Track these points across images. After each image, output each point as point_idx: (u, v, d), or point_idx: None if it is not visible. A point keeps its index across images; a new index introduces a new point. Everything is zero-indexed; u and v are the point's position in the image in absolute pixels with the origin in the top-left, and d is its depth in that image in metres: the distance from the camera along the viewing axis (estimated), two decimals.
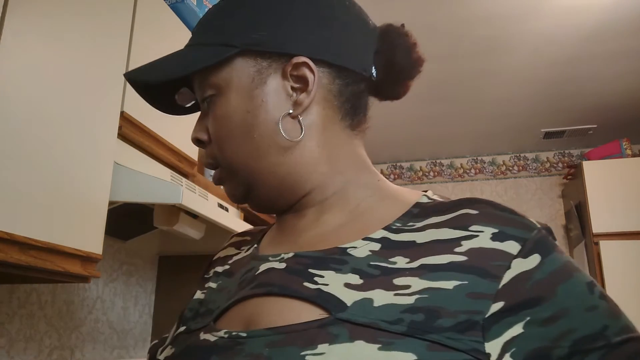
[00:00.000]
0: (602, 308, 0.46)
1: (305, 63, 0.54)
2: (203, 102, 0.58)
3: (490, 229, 0.47)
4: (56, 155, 1.17)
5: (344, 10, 0.58)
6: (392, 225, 0.52)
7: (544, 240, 0.47)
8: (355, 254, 0.51)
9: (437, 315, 0.44)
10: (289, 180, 0.56)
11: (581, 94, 3.33)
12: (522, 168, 4.36)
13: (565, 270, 0.46)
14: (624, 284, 3.21)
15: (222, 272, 0.63)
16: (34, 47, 1.12)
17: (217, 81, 0.56)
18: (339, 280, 0.48)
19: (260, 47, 0.54)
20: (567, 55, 2.89)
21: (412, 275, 0.47)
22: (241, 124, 0.55)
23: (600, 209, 3.43)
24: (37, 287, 1.63)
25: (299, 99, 0.55)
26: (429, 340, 0.43)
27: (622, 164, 3.51)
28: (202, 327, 0.55)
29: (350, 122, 0.59)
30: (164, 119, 1.61)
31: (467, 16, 2.53)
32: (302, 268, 0.51)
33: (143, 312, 2.24)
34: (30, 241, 1.07)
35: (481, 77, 3.11)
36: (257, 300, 0.52)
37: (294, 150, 0.55)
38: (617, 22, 2.59)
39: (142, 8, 1.53)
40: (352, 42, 0.58)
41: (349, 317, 0.45)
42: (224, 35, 0.55)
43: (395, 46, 0.60)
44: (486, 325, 0.44)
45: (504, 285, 0.44)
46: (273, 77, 0.55)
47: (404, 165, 4.59)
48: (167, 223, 1.62)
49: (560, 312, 0.44)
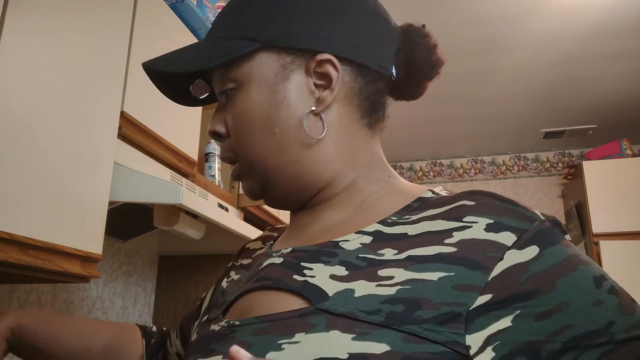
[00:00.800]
0: (609, 303, 0.44)
1: (330, 60, 0.54)
2: (222, 95, 0.58)
3: (485, 219, 0.46)
4: (56, 155, 1.17)
5: (367, 8, 0.58)
6: (388, 218, 0.52)
7: (545, 232, 0.46)
8: (346, 246, 0.51)
9: (418, 306, 0.43)
10: (304, 177, 0.56)
11: (581, 94, 3.33)
12: (522, 168, 4.36)
13: (567, 263, 0.44)
14: (624, 284, 3.18)
15: (245, 265, 0.65)
16: (34, 47, 1.12)
17: (238, 75, 0.55)
18: (326, 272, 0.49)
19: (285, 43, 0.54)
20: (567, 55, 2.89)
21: (398, 266, 0.46)
22: (262, 119, 0.55)
23: (600, 209, 3.43)
24: (37, 287, 1.63)
25: (322, 96, 0.55)
26: (405, 332, 0.42)
27: (622, 164, 3.51)
28: (214, 319, 0.57)
29: (368, 120, 0.59)
30: (164, 119, 1.61)
31: (467, 16, 2.53)
32: (295, 262, 0.53)
33: (143, 312, 2.24)
34: (30, 241, 1.07)
35: (481, 77, 3.11)
36: (254, 293, 0.54)
37: (313, 147, 0.55)
38: (617, 22, 2.59)
39: (142, 8, 1.53)
40: (374, 40, 0.57)
41: (328, 307, 0.45)
42: (246, 29, 0.55)
43: (416, 46, 0.60)
44: (469, 317, 0.42)
45: (494, 278, 0.43)
46: (296, 73, 0.55)
47: (404, 165, 4.58)
48: (167, 223, 1.62)
49: (558, 307, 0.43)
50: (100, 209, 1.31)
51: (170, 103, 0.69)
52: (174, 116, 1.67)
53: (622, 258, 3.29)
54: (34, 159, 1.11)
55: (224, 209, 1.86)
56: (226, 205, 1.90)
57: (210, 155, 2.09)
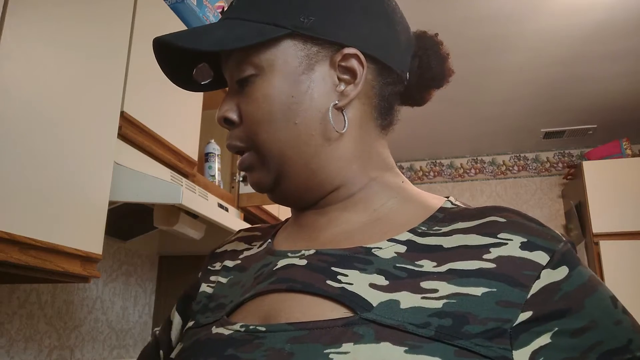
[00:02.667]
0: (626, 322, 0.47)
1: (356, 55, 0.53)
2: (240, 81, 0.55)
3: (519, 237, 0.47)
4: (56, 155, 1.17)
5: (393, 9, 0.57)
6: (418, 228, 0.51)
7: (570, 253, 0.47)
8: (380, 254, 0.50)
9: (465, 321, 0.43)
10: (320, 174, 0.55)
11: (581, 94, 3.33)
12: (522, 168, 4.36)
13: (590, 284, 0.47)
14: (624, 284, 3.21)
15: (234, 267, 0.62)
16: (34, 48, 1.12)
17: (260, 61, 0.53)
18: (364, 280, 0.48)
19: (312, 32, 0.53)
20: (568, 55, 2.89)
21: (440, 279, 0.46)
22: (283, 108, 0.53)
23: (600, 209, 3.43)
24: (37, 287, 1.63)
25: (346, 91, 0.54)
26: (457, 346, 0.42)
27: (622, 164, 3.51)
28: (214, 322, 0.54)
29: (382, 121, 0.58)
30: (164, 119, 1.61)
31: (467, 16, 2.53)
32: (325, 266, 0.50)
33: (143, 312, 2.24)
34: (30, 241, 1.07)
35: (481, 77, 3.11)
36: (276, 295, 0.51)
37: (332, 143, 0.54)
38: (617, 22, 2.59)
39: (142, 8, 1.53)
40: (398, 42, 0.57)
41: (375, 317, 0.44)
42: (272, 14, 0.53)
43: (431, 53, 0.60)
44: (514, 333, 0.43)
45: (533, 295, 0.44)
46: (321, 64, 0.54)
47: (403, 165, 4.59)
48: (167, 223, 1.62)
49: (589, 325, 0.45)
50: (100, 209, 1.31)
51: (170, 103, 0.69)
52: (174, 116, 1.67)
53: (622, 258, 3.29)
54: (34, 159, 1.11)
55: (224, 209, 1.86)
56: (226, 205, 1.90)
57: (210, 155, 2.09)
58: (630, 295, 3.18)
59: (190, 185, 1.65)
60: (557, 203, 4.20)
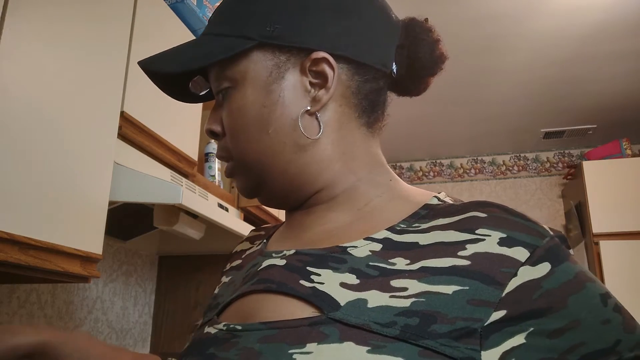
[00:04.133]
0: (615, 321, 0.45)
1: (325, 59, 0.53)
2: (218, 94, 0.57)
3: (498, 233, 0.45)
4: (56, 155, 1.17)
5: (366, 3, 0.56)
6: (397, 226, 0.51)
7: (556, 248, 0.45)
8: (355, 253, 0.49)
9: (433, 320, 0.42)
10: (301, 178, 0.55)
11: (581, 94, 3.33)
12: (522, 168, 4.36)
13: (578, 281, 0.44)
14: (624, 284, 3.21)
15: (235, 266, 0.65)
16: (34, 47, 1.12)
17: (233, 74, 0.55)
18: (335, 279, 0.48)
19: (279, 41, 0.53)
20: (567, 55, 2.89)
21: (411, 277, 0.45)
22: (257, 119, 0.54)
23: (600, 209, 3.43)
24: (37, 287, 1.63)
25: (318, 96, 0.54)
26: (421, 346, 0.41)
27: (622, 164, 3.51)
28: (209, 321, 0.56)
29: (367, 119, 0.57)
30: (164, 119, 1.61)
31: (466, 16, 2.53)
32: (301, 266, 0.51)
33: (143, 312, 2.24)
34: (30, 241, 1.07)
35: (481, 77, 3.11)
36: (256, 296, 0.52)
37: (308, 148, 0.54)
38: (617, 22, 2.59)
39: (142, 8, 1.53)
40: (374, 36, 0.56)
41: (342, 317, 0.44)
42: (240, 26, 0.54)
43: (419, 41, 0.59)
44: (484, 333, 0.42)
45: (508, 293, 0.42)
46: (291, 71, 0.54)
47: (404, 165, 4.58)
48: (167, 223, 1.62)
49: (571, 324, 0.43)
50: (100, 209, 1.31)
51: (170, 103, 0.69)
52: (174, 116, 1.67)
53: (622, 258, 3.29)
54: (34, 159, 1.11)
55: (224, 209, 1.86)
56: (226, 205, 1.90)
57: (210, 155, 2.09)
58: (630, 295, 3.18)
59: (190, 185, 1.65)
60: (557, 203, 4.20)
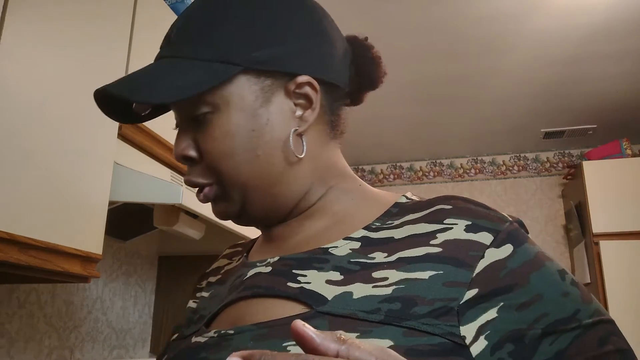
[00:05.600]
0: (573, 294, 0.49)
1: (309, 82, 0.55)
2: (192, 118, 0.55)
3: (464, 221, 0.50)
4: (56, 155, 1.17)
5: (330, 26, 0.59)
6: (372, 224, 0.54)
7: (515, 231, 0.50)
8: (336, 252, 0.53)
9: (413, 303, 0.46)
10: (283, 196, 0.57)
11: (581, 94, 3.33)
12: (522, 168, 4.36)
13: (537, 260, 0.49)
14: (624, 284, 3.21)
15: (215, 282, 0.66)
16: (34, 47, 1.12)
17: (214, 99, 0.54)
18: (321, 277, 0.51)
19: (263, 66, 0.54)
20: (567, 55, 2.89)
21: (390, 268, 0.49)
22: (244, 142, 0.54)
23: (600, 209, 3.43)
24: (37, 287, 1.63)
25: (305, 116, 0.56)
26: (405, 327, 0.45)
27: (622, 164, 3.51)
28: (195, 332, 0.57)
29: (334, 133, 0.61)
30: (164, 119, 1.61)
31: (466, 16, 2.53)
32: (286, 269, 0.53)
33: (143, 312, 2.24)
34: (30, 241, 1.07)
35: (481, 77, 3.11)
36: (244, 302, 0.54)
37: (293, 166, 0.56)
38: (617, 22, 2.59)
39: (142, 8, 1.53)
40: (338, 57, 0.59)
41: (329, 309, 0.47)
42: (222, 51, 0.53)
43: (365, 59, 0.63)
44: (461, 310, 0.46)
45: (478, 274, 0.47)
46: (277, 95, 0.55)
47: (404, 165, 4.58)
48: (167, 223, 1.62)
49: (535, 298, 0.47)
50: (100, 209, 1.31)
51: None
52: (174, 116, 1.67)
53: (622, 258, 3.29)
54: (34, 159, 1.11)
55: None
56: None
57: None
58: (630, 295, 3.18)
59: None
60: (557, 203, 4.20)
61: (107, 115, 0.60)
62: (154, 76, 0.53)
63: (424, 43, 2.73)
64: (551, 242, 4.10)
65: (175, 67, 0.53)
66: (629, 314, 3.14)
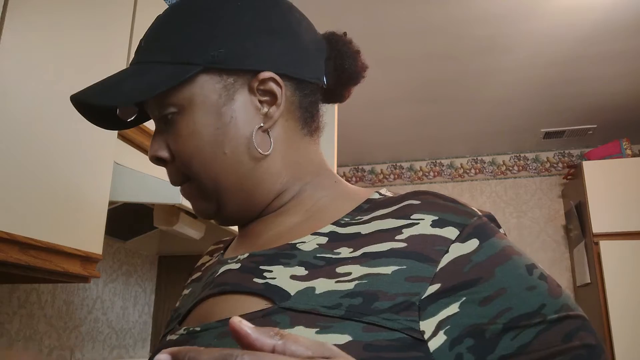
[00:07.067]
0: (540, 288, 0.49)
1: (272, 78, 0.56)
2: (161, 120, 0.57)
3: (430, 216, 0.50)
4: (56, 155, 1.17)
5: (297, 22, 0.60)
6: (341, 220, 0.55)
7: (482, 226, 0.50)
8: (303, 248, 0.53)
9: (375, 298, 0.46)
10: (256, 192, 0.58)
11: (581, 94, 3.33)
12: (522, 168, 4.36)
13: (503, 254, 0.49)
14: (624, 284, 3.21)
15: (195, 279, 0.67)
16: (34, 47, 1.12)
17: (178, 100, 0.55)
18: (286, 273, 0.51)
19: (224, 65, 0.54)
20: (567, 55, 2.89)
21: (354, 263, 0.49)
22: (211, 141, 0.55)
23: (600, 209, 3.43)
24: (37, 287, 1.63)
25: (269, 113, 0.56)
26: (365, 322, 0.45)
27: (622, 164, 3.51)
28: (170, 330, 0.59)
29: (308, 129, 0.61)
30: None
31: (466, 16, 2.53)
32: (254, 266, 0.54)
33: (143, 312, 2.24)
34: (30, 241, 1.07)
35: (481, 77, 3.11)
36: (213, 299, 0.55)
37: (262, 163, 0.57)
38: (617, 22, 2.59)
39: (142, 8, 1.53)
40: (307, 53, 0.59)
41: (291, 305, 0.47)
42: (182, 53, 0.54)
43: (342, 53, 0.63)
44: (422, 305, 0.46)
45: (442, 269, 0.47)
46: (240, 92, 0.56)
47: (404, 165, 4.58)
48: (167, 223, 1.62)
49: (498, 292, 0.47)
50: (100, 209, 1.31)
51: None
52: None
53: (622, 258, 3.29)
54: (34, 159, 1.11)
55: None
56: None
57: None
58: (630, 295, 3.18)
59: None
60: (557, 203, 4.20)
61: (93, 123, 0.62)
62: (117, 80, 0.56)
63: (424, 43, 2.73)
64: (551, 242, 4.10)
65: (137, 71, 0.56)
66: (629, 314, 3.14)
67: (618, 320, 3.14)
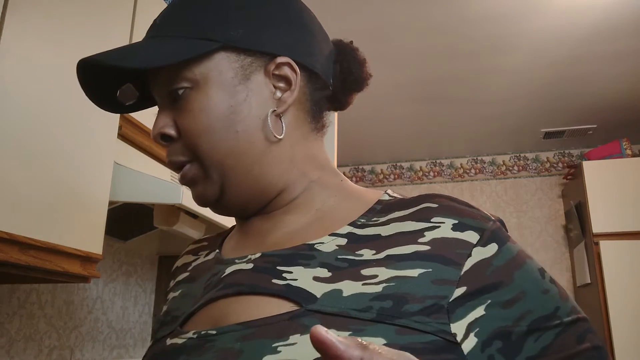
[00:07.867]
0: (553, 291, 0.51)
1: (288, 63, 0.56)
2: (170, 95, 0.56)
3: (450, 220, 0.50)
4: (56, 155, 1.17)
5: (312, 19, 0.61)
6: (357, 221, 0.54)
7: (498, 231, 0.51)
8: (322, 249, 0.52)
9: (405, 301, 0.46)
10: (263, 180, 0.56)
11: (581, 94, 3.33)
12: (522, 168, 4.36)
13: (519, 258, 0.50)
14: (624, 284, 3.21)
15: (183, 279, 0.64)
16: (34, 47, 1.12)
17: (193, 74, 0.54)
18: (308, 274, 0.50)
19: (244, 44, 0.55)
20: (567, 55, 2.89)
21: (379, 265, 0.48)
22: (222, 119, 0.54)
23: (600, 209, 3.43)
24: (37, 287, 1.63)
25: (283, 97, 0.56)
26: (397, 325, 0.45)
27: (622, 164, 3.51)
28: (169, 334, 0.55)
29: (315, 125, 0.61)
30: None
31: (466, 16, 2.53)
32: (270, 266, 0.52)
33: (143, 312, 2.24)
34: (30, 241, 1.07)
35: (481, 77, 3.11)
36: (225, 300, 0.52)
37: (272, 148, 0.56)
38: (617, 22, 2.59)
39: (142, 8, 1.53)
40: (321, 50, 0.60)
41: (320, 307, 0.46)
42: (201, 29, 0.54)
43: (350, 59, 0.63)
44: (451, 308, 0.46)
45: (466, 272, 0.47)
46: (256, 74, 0.55)
47: (404, 165, 4.58)
48: (167, 223, 1.62)
49: (519, 296, 0.48)
50: (100, 209, 1.31)
51: None
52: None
53: (622, 258, 3.29)
54: (34, 159, 1.11)
55: None
56: None
57: None
58: (630, 295, 3.18)
59: None
60: (557, 203, 4.20)
61: (91, 99, 0.61)
62: (133, 48, 0.54)
63: (425, 43, 2.73)
64: (551, 242, 4.10)
65: (153, 43, 0.55)
66: (629, 314, 3.14)
67: (618, 320, 3.14)
